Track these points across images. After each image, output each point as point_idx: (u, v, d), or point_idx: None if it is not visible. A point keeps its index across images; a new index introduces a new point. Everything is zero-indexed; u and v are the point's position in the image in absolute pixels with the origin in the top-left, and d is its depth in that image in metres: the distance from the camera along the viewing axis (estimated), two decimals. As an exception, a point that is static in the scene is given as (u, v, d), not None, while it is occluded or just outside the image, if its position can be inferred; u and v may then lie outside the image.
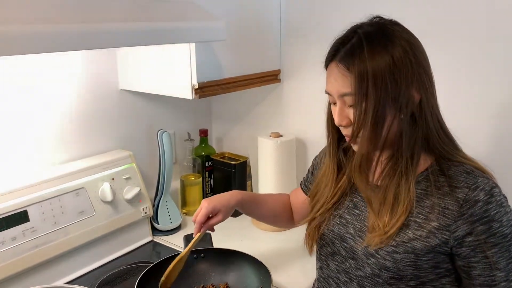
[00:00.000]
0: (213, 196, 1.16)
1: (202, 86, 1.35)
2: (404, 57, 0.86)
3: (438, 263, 0.91)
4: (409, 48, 0.87)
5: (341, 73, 0.89)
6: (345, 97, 0.90)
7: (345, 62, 0.88)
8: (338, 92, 0.91)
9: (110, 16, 0.98)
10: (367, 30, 0.89)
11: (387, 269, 0.92)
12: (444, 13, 1.31)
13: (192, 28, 1.14)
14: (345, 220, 1.02)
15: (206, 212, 1.11)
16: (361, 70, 0.86)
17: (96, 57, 1.45)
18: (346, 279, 1.00)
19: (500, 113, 1.29)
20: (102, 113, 1.50)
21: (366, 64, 0.85)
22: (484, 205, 0.86)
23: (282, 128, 1.70)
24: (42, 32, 0.82)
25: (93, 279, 1.29)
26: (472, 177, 0.89)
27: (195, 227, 1.13)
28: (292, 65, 1.66)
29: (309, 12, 1.57)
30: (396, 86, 0.86)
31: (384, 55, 0.86)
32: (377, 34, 0.88)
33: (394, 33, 0.88)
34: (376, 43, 0.87)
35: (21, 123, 1.30)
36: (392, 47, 0.86)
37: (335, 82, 0.91)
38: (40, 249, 1.21)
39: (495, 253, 0.87)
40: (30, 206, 1.21)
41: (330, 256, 1.03)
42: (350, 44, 0.88)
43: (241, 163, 1.69)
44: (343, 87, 0.89)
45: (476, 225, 0.86)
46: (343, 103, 0.91)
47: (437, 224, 0.88)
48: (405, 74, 0.86)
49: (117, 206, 1.40)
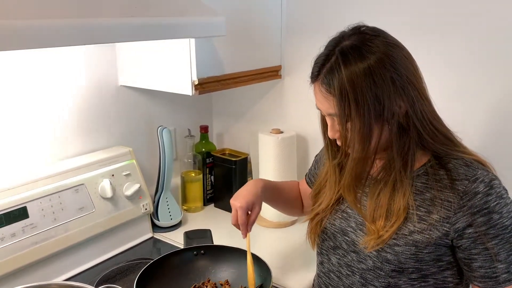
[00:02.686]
0: (238, 193, 1.13)
1: (202, 82, 1.34)
2: (383, 71, 0.86)
3: (439, 256, 0.91)
4: (388, 60, 0.86)
5: (324, 96, 0.91)
6: (333, 116, 0.93)
7: (326, 84, 0.89)
8: (325, 112, 0.95)
9: (109, 10, 0.98)
10: (343, 47, 0.88)
11: (389, 261, 0.92)
12: (442, 8, 1.30)
13: (192, 24, 1.13)
14: (347, 214, 1.02)
15: (243, 211, 1.09)
16: (341, 91, 0.87)
17: (95, 52, 1.44)
18: (348, 273, 1.00)
19: (498, 108, 1.28)
20: (102, 109, 1.50)
21: (345, 85, 0.86)
22: (483, 196, 0.86)
23: (283, 124, 1.69)
24: (39, 27, 0.82)
25: (93, 275, 1.28)
26: (472, 169, 0.90)
27: (242, 230, 1.10)
28: (293, 61, 1.65)
29: (311, 8, 1.56)
30: (379, 102, 0.86)
31: (361, 72, 0.85)
32: (353, 51, 0.87)
33: (370, 47, 0.87)
34: (352, 61, 0.86)
35: (20, 120, 1.29)
36: (369, 62, 0.86)
37: (319, 103, 0.94)
38: (39, 245, 1.21)
39: (495, 244, 0.87)
40: (29, 203, 1.21)
41: (332, 250, 1.04)
42: (329, 64, 0.89)
43: (242, 159, 1.69)
44: (328, 108, 0.92)
45: (476, 216, 0.86)
46: (333, 120, 0.94)
47: (438, 217, 0.89)
48: (386, 89, 0.86)
49: (117, 203, 1.40)
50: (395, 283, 0.93)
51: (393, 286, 0.94)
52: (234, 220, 1.10)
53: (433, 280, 0.93)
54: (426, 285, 0.93)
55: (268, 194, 1.18)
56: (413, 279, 0.92)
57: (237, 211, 1.09)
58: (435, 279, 0.93)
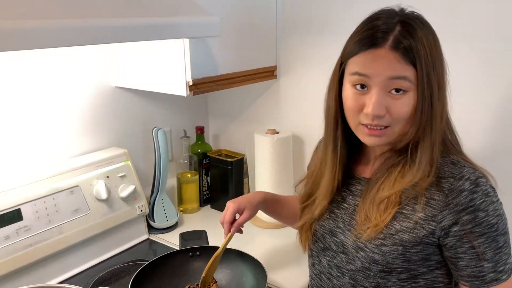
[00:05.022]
0: (237, 197, 1.17)
1: (196, 82, 1.34)
2: (439, 44, 0.89)
3: (428, 255, 0.90)
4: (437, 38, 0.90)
5: (397, 59, 0.83)
6: (398, 81, 0.84)
7: (403, 48, 0.83)
8: (389, 75, 0.84)
9: (103, 11, 0.97)
10: (409, 14, 0.89)
11: (376, 262, 0.91)
12: (447, 9, 1.29)
13: (186, 24, 1.13)
14: (334, 214, 1.02)
15: (232, 211, 1.12)
16: (422, 55, 0.84)
17: (89, 54, 1.44)
18: (338, 274, 0.99)
19: (502, 110, 1.28)
20: (96, 110, 1.49)
21: (426, 50, 0.84)
22: (469, 194, 0.85)
23: (278, 125, 1.69)
24: (31, 28, 0.81)
25: (88, 277, 1.28)
26: (458, 167, 0.89)
27: (225, 228, 1.13)
28: (289, 61, 1.65)
29: (306, 8, 1.55)
30: (444, 73, 0.88)
31: (433, 39, 0.87)
32: (420, 20, 0.88)
33: (426, 20, 0.89)
34: (424, 27, 0.87)
35: (14, 122, 1.29)
36: (433, 34, 0.88)
37: (387, 65, 0.84)
38: (34, 248, 1.20)
39: (481, 243, 0.85)
40: (23, 205, 1.20)
41: (322, 251, 1.03)
42: (399, 27, 0.84)
43: (238, 160, 1.68)
44: (399, 71, 0.84)
45: (462, 214, 0.85)
46: (386, 88, 0.85)
47: (423, 215, 0.88)
48: (443, 62, 0.89)
49: (112, 204, 1.39)
50: (384, 284, 0.92)
51: (383, 287, 0.93)
52: (222, 218, 1.14)
53: (423, 281, 0.92)
54: (416, 285, 0.92)
55: (267, 207, 1.21)
56: (403, 280, 0.91)
57: (227, 210, 1.13)
58: (425, 279, 0.92)
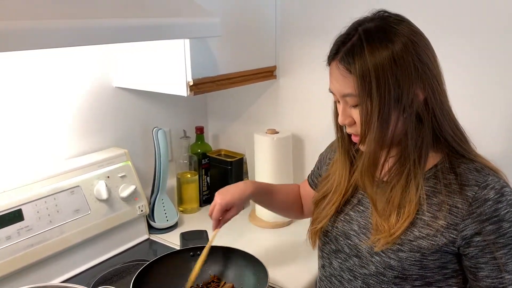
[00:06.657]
0: (226, 189, 1.14)
1: (197, 82, 1.34)
2: (406, 56, 0.83)
3: (445, 263, 0.88)
4: (411, 45, 0.84)
5: (342, 74, 0.87)
6: (347, 98, 0.88)
7: (345, 62, 0.86)
8: (339, 93, 0.90)
9: (103, 11, 0.97)
10: (367, 27, 0.86)
11: (392, 267, 0.90)
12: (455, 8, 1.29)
13: (187, 24, 1.13)
14: (349, 216, 1.00)
15: (220, 208, 1.11)
16: (362, 71, 0.83)
17: (90, 54, 1.44)
18: (350, 277, 0.98)
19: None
20: (97, 111, 1.49)
21: (368, 65, 0.83)
22: (494, 204, 0.84)
23: (278, 125, 1.69)
24: (31, 29, 0.81)
25: (90, 277, 1.28)
26: (482, 175, 0.87)
27: (213, 224, 1.13)
28: (288, 61, 1.65)
29: (305, 8, 1.56)
30: (398, 86, 0.83)
31: (385, 54, 0.83)
32: (378, 32, 0.85)
33: (395, 30, 0.85)
34: (377, 41, 0.84)
35: (14, 122, 1.29)
36: (393, 45, 0.83)
37: (336, 83, 0.89)
38: (35, 248, 1.20)
39: (504, 254, 0.84)
40: (24, 205, 1.20)
41: (334, 253, 1.02)
42: (350, 43, 0.86)
43: (238, 160, 1.69)
44: (344, 88, 0.87)
45: (485, 224, 0.84)
46: (346, 103, 0.90)
47: (445, 223, 0.86)
48: (407, 73, 0.83)
49: (112, 204, 1.39)
50: None
51: None
52: (210, 211, 1.14)
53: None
54: None
55: (259, 197, 1.19)
56: (417, 286, 0.90)
57: (215, 205, 1.12)
58: (439, 287, 0.90)
